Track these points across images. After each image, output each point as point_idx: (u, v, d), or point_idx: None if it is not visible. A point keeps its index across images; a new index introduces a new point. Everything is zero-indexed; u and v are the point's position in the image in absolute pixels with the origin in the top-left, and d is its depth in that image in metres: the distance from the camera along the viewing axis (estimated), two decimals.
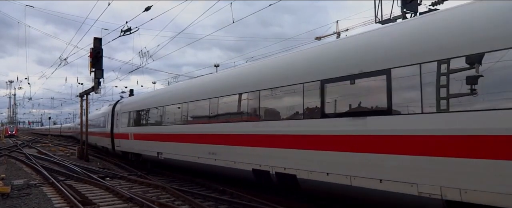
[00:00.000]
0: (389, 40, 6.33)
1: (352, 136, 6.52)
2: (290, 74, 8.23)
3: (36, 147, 35.57)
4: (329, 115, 7.09)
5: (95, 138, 26.02)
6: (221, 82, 11.32)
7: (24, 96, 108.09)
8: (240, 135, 9.52)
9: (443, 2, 13.85)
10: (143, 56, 22.76)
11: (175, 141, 13.22)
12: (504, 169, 4.59)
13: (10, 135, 65.87)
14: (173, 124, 13.61)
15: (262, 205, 8.87)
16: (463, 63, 5.11)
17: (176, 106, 13.46)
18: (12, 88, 78.58)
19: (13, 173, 15.54)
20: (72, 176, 14.45)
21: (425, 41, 5.69)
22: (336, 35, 42.49)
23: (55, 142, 47.52)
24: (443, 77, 5.32)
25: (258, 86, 9.11)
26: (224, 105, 10.54)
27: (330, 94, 7.10)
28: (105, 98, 55.03)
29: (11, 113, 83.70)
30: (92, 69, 19.18)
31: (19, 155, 24.44)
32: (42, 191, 11.43)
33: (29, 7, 22.69)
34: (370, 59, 6.41)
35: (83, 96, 24.29)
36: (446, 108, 5.26)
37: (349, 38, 7.88)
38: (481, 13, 5.23)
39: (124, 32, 17.33)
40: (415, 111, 5.60)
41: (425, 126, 5.45)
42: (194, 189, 11.63)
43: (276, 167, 8.30)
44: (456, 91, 5.18)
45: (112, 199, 10.35)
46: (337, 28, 44.54)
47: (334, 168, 6.86)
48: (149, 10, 15.19)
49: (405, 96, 5.84)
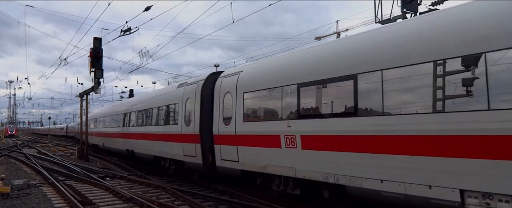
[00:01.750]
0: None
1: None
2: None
3: (36, 147, 35.55)
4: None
5: (138, 143, 17.16)
6: None
7: (24, 96, 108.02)
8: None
9: (443, 2, 13.86)
10: (143, 56, 22.79)
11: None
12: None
13: (10, 135, 65.87)
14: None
15: (262, 205, 8.88)
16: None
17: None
18: (12, 88, 78.59)
19: (13, 173, 15.53)
20: (72, 176, 14.44)
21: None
22: (336, 35, 42.49)
23: (55, 142, 47.51)
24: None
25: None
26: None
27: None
28: (105, 98, 55.08)
29: (11, 113, 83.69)
30: (92, 69, 19.18)
31: (19, 155, 24.42)
32: (42, 191, 11.43)
33: (29, 7, 22.66)
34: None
35: (83, 96, 24.28)
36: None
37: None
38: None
39: (124, 32, 17.34)
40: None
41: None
42: (194, 189, 11.63)
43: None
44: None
45: (112, 199, 10.35)
46: (337, 28, 44.57)
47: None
48: (149, 10, 15.20)
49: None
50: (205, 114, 11.15)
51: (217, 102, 10.71)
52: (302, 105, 7.82)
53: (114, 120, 22.20)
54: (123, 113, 20.18)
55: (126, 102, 24.14)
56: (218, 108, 10.63)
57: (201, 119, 11.26)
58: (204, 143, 11.10)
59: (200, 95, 11.45)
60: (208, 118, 11.01)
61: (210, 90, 11.21)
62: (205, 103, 11.21)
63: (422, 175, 5.56)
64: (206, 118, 11.11)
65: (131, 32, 17.21)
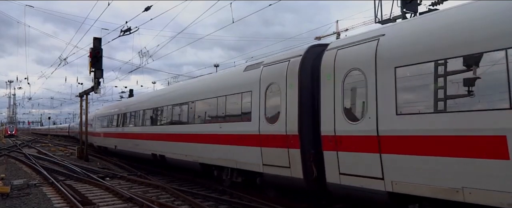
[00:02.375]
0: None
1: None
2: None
3: (36, 147, 35.55)
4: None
5: (173, 146, 13.59)
6: None
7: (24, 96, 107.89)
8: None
9: (442, 2, 13.84)
10: (143, 56, 22.79)
11: None
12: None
13: (10, 135, 65.87)
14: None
15: (262, 205, 8.87)
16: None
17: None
18: (11, 88, 78.56)
19: (13, 173, 15.52)
20: (71, 176, 14.43)
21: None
22: (336, 35, 42.49)
23: (55, 142, 47.50)
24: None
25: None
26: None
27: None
28: (105, 98, 55.02)
29: (10, 113, 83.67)
30: (92, 69, 19.18)
31: (19, 155, 24.42)
32: (41, 191, 11.43)
33: (29, 7, 22.66)
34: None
35: (82, 96, 24.28)
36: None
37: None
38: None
39: (124, 32, 17.34)
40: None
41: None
42: (194, 189, 11.62)
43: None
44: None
45: (112, 199, 10.35)
46: (337, 28, 44.63)
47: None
48: (148, 10, 15.20)
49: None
50: (305, 107, 7.95)
51: (330, 86, 7.26)
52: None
53: (135, 117, 18.32)
54: (152, 108, 16.10)
55: (153, 95, 18.70)
56: (334, 95, 7.17)
57: (300, 113, 7.97)
58: (305, 148, 7.84)
59: (298, 77, 8.06)
60: (309, 112, 7.90)
61: (312, 70, 7.97)
62: (305, 90, 7.99)
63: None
64: (306, 112, 7.93)
65: (131, 32, 17.21)
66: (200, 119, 12.03)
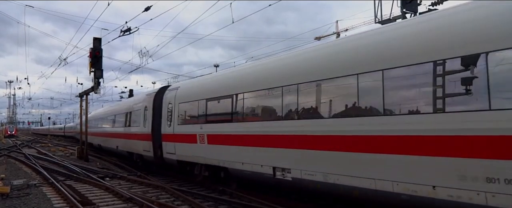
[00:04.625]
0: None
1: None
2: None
3: (36, 147, 35.55)
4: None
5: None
6: None
7: (24, 96, 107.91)
8: None
9: (442, 2, 13.86)
10: (143, 56, 22.78)
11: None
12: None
13: (10, 135, 65.86)
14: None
15: (262, 205, 8.88)
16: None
17: None
18: (11, 88, 78.60)
19: (13, 173, 15.52)
20: (71, 176, 14.43)
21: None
22: (336, 35, 42.51)
23: (55, 142, 47.50)
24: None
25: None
26: None
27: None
28: (105, 98, 55.05)
29: (10, 113, 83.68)
30: (91, 69, 19.16)
31: (19, 155, 24.42)
32: (41, 191, 11.42)
33: (28, 7, 22.63)
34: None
35: (82, 96, 24.27)
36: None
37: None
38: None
39: (124, 32, 17.34)
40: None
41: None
42: (194, 189, 11.63)
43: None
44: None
45: (112, 199, 10.35)
46: (337, 28, 44.61)
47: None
48: (148, 10, 15.20)
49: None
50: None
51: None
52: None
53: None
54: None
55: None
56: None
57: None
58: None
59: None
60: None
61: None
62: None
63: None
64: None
65: (131, 32, 17.21)
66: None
